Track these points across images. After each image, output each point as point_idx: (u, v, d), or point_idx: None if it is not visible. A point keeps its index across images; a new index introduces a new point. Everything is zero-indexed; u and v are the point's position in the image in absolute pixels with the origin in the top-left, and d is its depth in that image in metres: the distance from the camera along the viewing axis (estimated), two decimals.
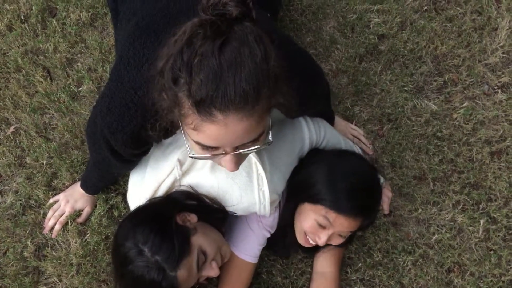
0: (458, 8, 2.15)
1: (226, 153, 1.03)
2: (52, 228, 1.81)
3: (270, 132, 1.07)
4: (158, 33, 1.16)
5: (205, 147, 1.01)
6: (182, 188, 1.48)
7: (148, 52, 1.15)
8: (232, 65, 0.90)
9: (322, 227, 1.52)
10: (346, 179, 1.53)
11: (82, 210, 1.83)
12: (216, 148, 1.02)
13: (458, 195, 1.91)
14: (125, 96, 1.18)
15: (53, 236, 1.81)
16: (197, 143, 1.01)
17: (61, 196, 1.84)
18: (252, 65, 0.91)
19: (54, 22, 2.06)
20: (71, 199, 1.81)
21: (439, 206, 1.91)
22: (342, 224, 1.50)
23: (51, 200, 1.85)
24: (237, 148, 1.02)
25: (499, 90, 2.06)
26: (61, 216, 1.81)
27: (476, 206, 1.91)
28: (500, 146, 1.97)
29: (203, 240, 1.41)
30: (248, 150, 1.04)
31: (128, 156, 1.37)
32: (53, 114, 1.96)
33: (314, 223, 1.52)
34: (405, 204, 1.91)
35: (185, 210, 1.45)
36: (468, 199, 1.91)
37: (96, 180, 1.72)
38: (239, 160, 1.06)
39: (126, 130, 1.21)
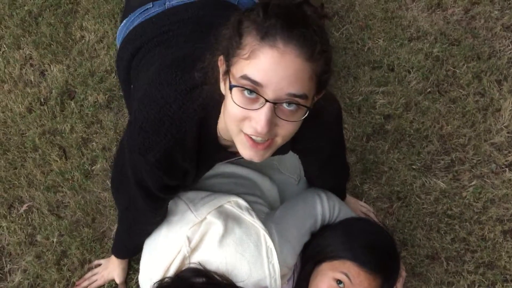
0: (461, 90, 2.23)
1: (263, 104, 0.98)
2: None
3: (307, 112, 1.03)
4: (184, 62, 1.22)
5: (247, 91, 0.97)
6: (192, 265, 1.47)
7: (181, 74, 1.20)
8: (303, 19, 0.97)
9: (340, 282, 1.46)
10: (364, 236, 1.52)
11: (114, 280, 1.84)
12: (257, 96, 0.97)
13: (472, 275, 1.87)
14: (160, 111, 1.19)
15: None
16: (243, 77, 0.96)
17: (103, 262, 1.86)
18: (320, 26, 0.99)
19: (72, 104, 2.15)
20: (106, 269, 1.83)
21: (454, 286, 1.86)
22: (362, 283, 1.45)
23: (95, 262, 1.87)
24: (278, 99, 0.97)
25: (507, 169, 2.07)
26: (95, 281, 1.83)
27: (492, 287, 1.86)
28: None
29: None
30: (286, 110, 1.00)
31: (157, 188, 1.33)
32: (66, 192, 1.99)
33: (332, 283, 1.46)
34: (419, 285, 1.86)
35: None
36: (483, 280, 1.86)
37: (125, 240, 1.70)
38: (272, 121, 1.00)
39: (159, 147, 1.20)
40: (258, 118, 0.99)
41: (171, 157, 1.23)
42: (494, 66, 2.27)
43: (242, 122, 1.02)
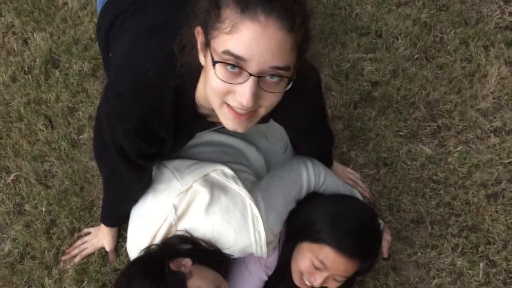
0: (448, 56, 2.22)
1: (248, 78, 0.97)
2: (73, 256, 1.85)
3: (291, 83, 1.04)
4: (161, 28, 1.21)
5: (230, 66, 0.97)
6: (178, 233, 1.49)
7: (157, 40, 1.18)
8: None
9: (318, 269, 1.52)
10: (348, 220, 1.56)
11: (104, 248, 1.85)
12: (240, 70, 0.97)
13: (456, 238, 1.92)
14: (136, 77, 1.18)
15: (67, 262, 1.85)
16: (226, 52, 0.96)
17: (92, 230, 1.87)
18: None
19: (57, 73, 2.13)
20: (96, 237, 1.84)
21: (438, 249, 1.90)
22: (338, 268, 1.52)
23: (85, 230, 1.88)
24: (261, 72, 0.97)
25: (492, 134, 2.10)
26: (85, 249, 1.85)
27: (475, 250, 1.91)
28: (495, 189, 1.99)
29: (200, 281, 1.40)
30: (270, 82, 1.00)
31: (135, 155, 1.33)
32: (53, 162, 1.99)
33: (311, 264, 1.53)
34: (404, 248, 1.90)
35: (180, 255, 1.45)
36: (466, 242, 1.91)
37: (111, 207, 1.71)
38: (257, 93, 0.99)
39: (136, 113, 1.19)
40: (243, 92, 0.98)
41: (147, 124, 1.22)
42: (482, 31, 2.26)
43: (225, 95, 1.02)
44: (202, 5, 1.01)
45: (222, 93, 1.02)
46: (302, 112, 1.41)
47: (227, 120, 1.07)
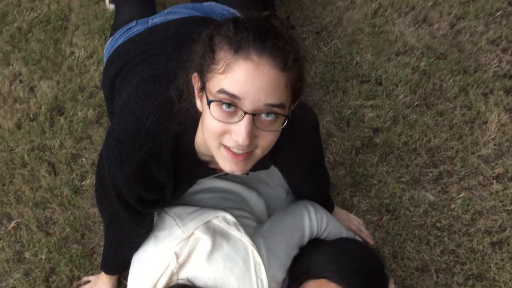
0: (448, 103, 2.25)
1: (243, 116, 0.99)
2: None
3: (286, 121, 1.05)
4: (163, 77, 1.24)
5: (225, 105, 0.98)
6: (180, 281, 1.47)
7: (158, 87, 1.21)
8: (273, 31, 0.98)
9: None
10: (354, 259, 1.53)
11: None
12: (235, 109, 0.98)
13: (462, 287, 1.88)
14: (137, 123, 1.20)
15: None
16: (221, 91, 0.98)
17: (92, 278, 1.85)
18: (290, 37, 1.00)
19: (62, 120, 2.15)
20: (95, 285, 1.81)
21: None
22: None
23: (84, 279, 1.85)
24: (256, 110, 0.98)
25: (494, 181, 2.09)
26: None
27: None
28: (500, 237, 1.97)
29: None
30: (265, 120, 1.01)
31: (134, 201, 1.33)
32: (55, 209, 1.98)
33: None
34: None
35: None
36: None
37: (112, 254, 1.68)
38: (252, 132, 1.01)
39: (135, 159, 1.20)
40: (239, 131, 1.00)
41: (147, 170, 1.23)
42: (480, 79, 2.30)
43: (222, 136, 1.03)
44: (198, 49, 1.05)
45: (219, 133, 1.03)
46: (301, 155, 1.41)
47: (225, 162, 1.08)
